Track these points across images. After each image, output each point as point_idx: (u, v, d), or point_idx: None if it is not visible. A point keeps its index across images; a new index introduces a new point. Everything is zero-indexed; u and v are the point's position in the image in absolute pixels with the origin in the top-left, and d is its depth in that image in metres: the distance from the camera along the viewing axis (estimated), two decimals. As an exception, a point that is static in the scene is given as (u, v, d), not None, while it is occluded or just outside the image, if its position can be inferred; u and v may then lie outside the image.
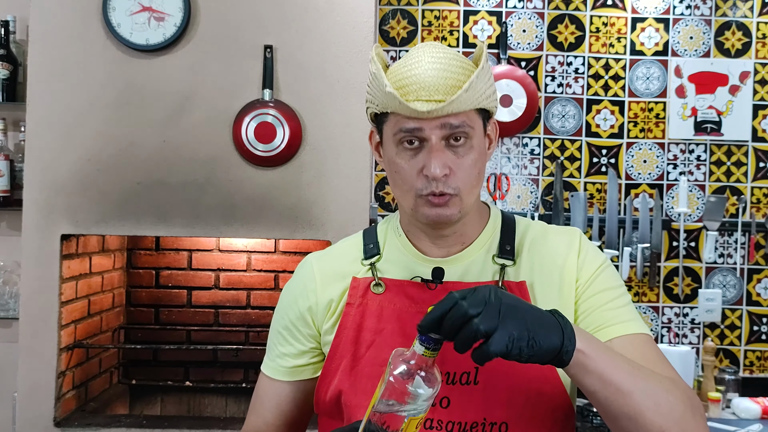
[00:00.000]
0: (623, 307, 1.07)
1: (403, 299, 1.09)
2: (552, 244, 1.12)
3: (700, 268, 2.74)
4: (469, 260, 1.11)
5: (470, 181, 1.06)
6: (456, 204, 1.05)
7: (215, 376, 2.74)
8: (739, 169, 2.75)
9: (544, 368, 1.00)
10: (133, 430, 2.20)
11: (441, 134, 1.03)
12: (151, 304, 2.76)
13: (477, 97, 1.03)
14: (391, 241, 1.16)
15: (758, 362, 2.74)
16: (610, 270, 1.12)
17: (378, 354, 1.05)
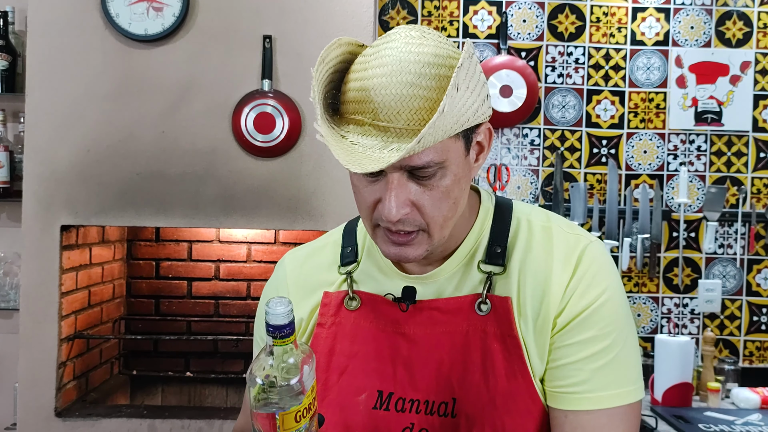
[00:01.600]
0: (601, 369, 0.90)
1: (379, 317, 0.97)
2: (548, 255, 0.94)
3: (700, 258, 2.74)
4: (449, 274, 0.97)
5: (441, 214, 0.88)
6: (422, 242, 0.89)
7: (216, 366, 2.75)
8: (739, 160, 2.74)
9: (528, 402, 0.92)
10: (134, 420, 2.21)
11: (403, 170, 0.85)
12: (152, 295, 2.76)
13: (457, 120, 0.82)
14: (369, 249, 1.03)
15: (758, 352, 2.75)
16: (606, 309, 0.91)
17: (351, 382, 0.97)
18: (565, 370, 0.91)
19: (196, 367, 2.75)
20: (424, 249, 0.90)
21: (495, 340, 0.93)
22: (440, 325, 0.95)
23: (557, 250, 0.94)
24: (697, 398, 2.50)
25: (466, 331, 0.94)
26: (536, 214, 0.99)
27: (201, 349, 2.75)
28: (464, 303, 0.95)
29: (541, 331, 0.92)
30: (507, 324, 0.93)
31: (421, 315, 0.96)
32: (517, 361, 0.92)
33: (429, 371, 0.94)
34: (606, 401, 0.90)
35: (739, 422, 2.24)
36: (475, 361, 0.93)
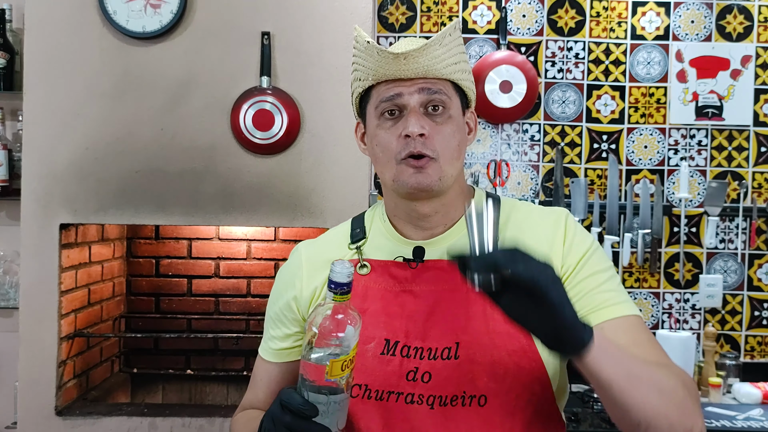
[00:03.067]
0: (613, 291, 1.07)
1: (387, 279, 1.12)
2: (537, 227, 1.13)
3: (701, 253, 2.73)
4: (452, 240, 1.13)
5: (449, 148, 1.09)
6: (435, 170, 1.08)
7: (216, 364, 2.75)
8: (740, 154, 2.73)
9: (523, 342, 1.04)
10: (135, 418, 2.20)
11: (419, 99, 1.08)
12: (152, 293, 2.76)
13: (451, 63, 1.08)
14: (377, 226, 1.20)
15: (759, 347, 2.74)
16: (599, 252, 1.12)
17: (362, 333, 1.06)
18: (590, 296, 1.06)
19: (197, 365, 2.74)
20: (437, 176, 1.08)
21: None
22: (444, 282, 1.10)
23: (546, 220, 1.14)
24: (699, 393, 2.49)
25: (467, 288, 1.03)
26: (521, 203, 1.20)
27: (201, 347, 2.74)
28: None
29: None
30: None
31: (427, 274, 1.11)
32: None
33: (434, 322, 1.08)
34: (629, 309, 1.06)
35: (741, 417, 2.24)
36: (477, 310, 1.07)
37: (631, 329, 1.03)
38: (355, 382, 1.05)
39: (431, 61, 1.07)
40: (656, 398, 0.91)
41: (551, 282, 0.85)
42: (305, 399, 0.92)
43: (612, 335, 1.00)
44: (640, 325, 1.06)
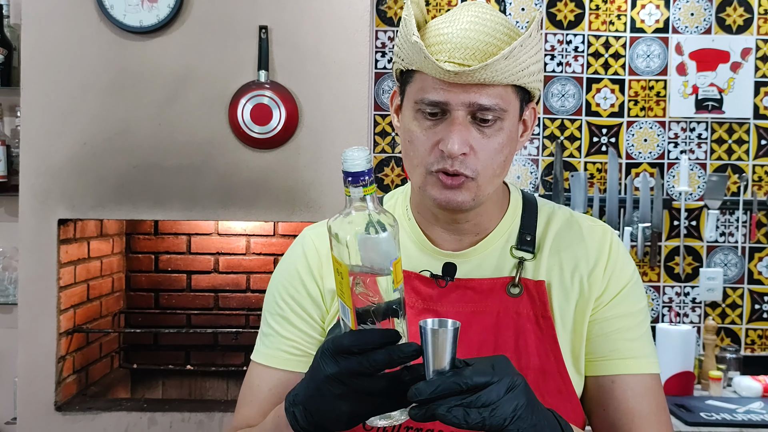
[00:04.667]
0: (638, 340, 0.99)
1: (408, 292, 0.98)
2: (579, 244, 1.01)
3: (701, 247, 2.73)
4: (484, 253, 1.01)
5: (492, 167, 0.93)
6: (471, 190, 0.93)
7: (216, 359, 2.74)
8: (740, 147, 2.72)
9: (558, 381, 0.96)
10: (134, 413, 2.20)
11: (470, 110, 0.91)
12: (151, 289, 2.76)
13: (518, 70, 0.90)
14: (400, 224, 1.01)
15: (759, 341, 2.74)
16: (636, 288, 1.02)
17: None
18: (609, 341, 0.98)
19: (197, 360, 2.74)
20: (471, 197, 0.94)
21: (528, 320, 0.98)
22: (472, 304, 0.99)
23: (589, 239, 1.02)
24: (699, 387, 2.49)
25: (498, 312, 0.98)
26: (558, 208, 1.07)
27: (201, 342, 2.74)
28: (497, 284, 1.00)
29: (581, 311, 0.99)
30: (541, 305, 0.98)
31: (454, 293, 0.99)
32: (549, 341, 0.97)
33: (459, 349, 0.96)
34: (648, 366, 0.99)
35: (741, 410, 2.23)
36: (507, 340, 0.97)
37: (642, 392, 0.97)
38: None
39: (491, 75, 0.88)
40: None
41: (513, 429, 0.73)
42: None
43: (620, 393, 0.97)
44: (653, 389, 0.98)
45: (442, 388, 0.71)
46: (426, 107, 0.92)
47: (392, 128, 2.71)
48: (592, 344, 0.99)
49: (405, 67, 0.96)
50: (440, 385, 0.71)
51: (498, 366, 0.74)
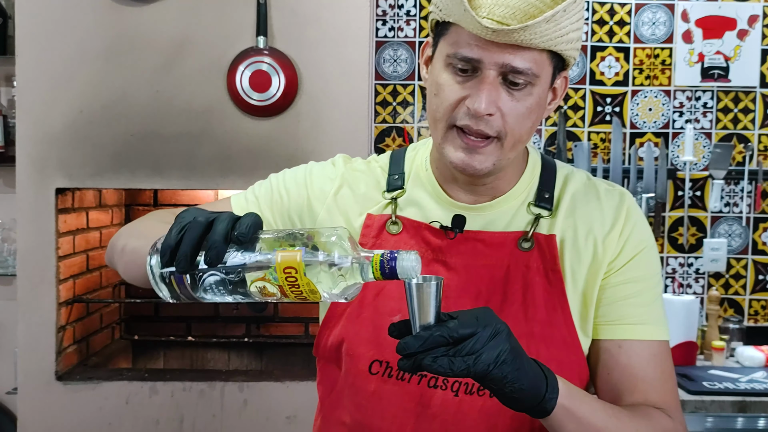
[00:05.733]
0: (648, 306, 0.99)
1: (419, 243, 1.00)
2: (596, 206, 1.00)
3: (705, 217, 2.70)
4: (500, 210, 1.01)
5: (519, 131, 0.91)
6: (493, 153, 0.92)
7: (217, 330, 2.74)
8: (746, 116, 2.69)
9: (564, 333, 0.96)
10: (135, 383, 2.20)
11: (500, 70, 0.88)
12: (151, 260, 2.74)
13: (557, 36, 0.87)
14: (417, 174, 1.05)
15: (763, 311, 2.72)
16: (650, 254, 1.00)
17: (386, 303, 0.98)
18: (619, 306, 0.98)
19: (198, 332, 2.74)
20: (491, 162, 0.93)
21: (537, 274, 0.98)
22: (482, 257, 0.99)
23: (606, 202, 1.01)
24: (702, 357, 2.48)
25: (508, 266, 0.99)
26: (576, 170, 1.06)
27: (202, 314, 2.73)
28: (508, 238, 0.99)
29: (594, 274, 0.98)
30: (551, 259, 0.98)
31: (465, 245, 0.99)
32: (558, 294, 0.98)
33: (466, 300, 0.98)
34: (656, 333, 0.98)
35: (744, 380, 2.23)
36: (516, 293, 0.97)
37: (648, 358, 0.97)
38: (376, 359, 0.96)
39: (530, 37, 0.85)
40: None
41: (497, 374, 0.75)
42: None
43: (626, 358, 0.97)
44: (660, 355, 0.98)
45: (429, 342, 0.73)
46: (458, 62, 0.90)
47: (393, 98, 2.68)
48: (602, 308, 0.99)
49: (441, 18, 0.92)
50: (427, 339, 0.73)
51: (482, 317, 0.75)
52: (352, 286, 0.74)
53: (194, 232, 0.74)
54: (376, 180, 1.07)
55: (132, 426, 2.19)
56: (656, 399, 0.95)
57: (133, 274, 1.00)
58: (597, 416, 0.86)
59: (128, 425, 2.19)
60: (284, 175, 1.11)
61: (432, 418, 0.95)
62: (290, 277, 0.72)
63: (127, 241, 1.02)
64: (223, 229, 0.73)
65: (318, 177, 1.08)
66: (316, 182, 1.08)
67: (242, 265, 0.74)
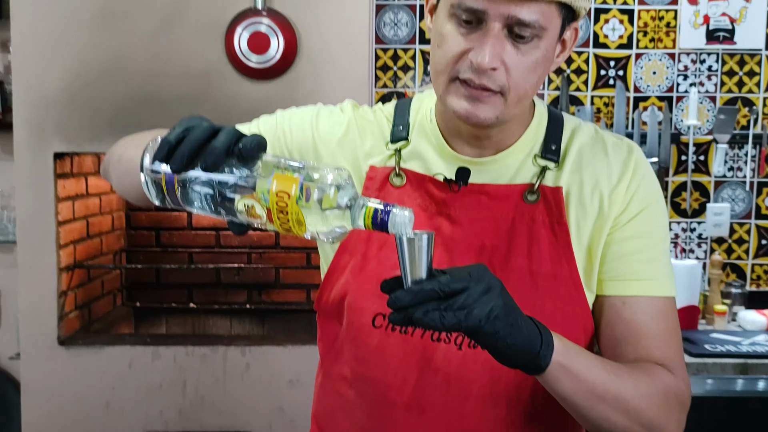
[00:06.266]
0: (654, 261, 0.97)
1: (423, 196, 0.98)
2: (603, 160, 0.98)
3: (708, 182, 2.68)
4: (505, 163, 0.99)
5: (524, 85, 0.89)
6: (496, 106, 0.89)
7: (219, 297, 2.74)
8: (751, 79, 2.65)
9: (570, 287, 0.95)
10: (138, 347, 2.21)
11: (505, 23, 0.85)
12: (152, 227, 2.74)
13: None
14: (421, 126, 1.02)
15: (765, 276, 2.72)
16: (657, 208, 0.98)
17: (390, 255, 0.96)
18: (624, 262, 0.96)
19: (199, 299, 2.74)
20: (495, 114, 0.90)
21: (543, 226, 0.96)
22: (487, 210, 0.97)
23: (613, 156, 0.98)
24: (703, 322, 2.48)
25: (513, 218, 0.97)
26: (584, 123, 1.04)
27: (203, 281, 2.73)
28: (513, 191, 0.98)
29: (599, 229, 0.97)
30: (557, 211, 0.96)
31: (469, 198, 0.98)
32: (563, 246, 0.96)
33: (470, 254, 0.96)
34: (662, 289, 0.96)
35: (746, 343, 2.22)
36: (520, 245, 0.96)
37: (652, 314, 0.95)
38: (380, 312, 0.95)
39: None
40: (617, 417, 0.86)
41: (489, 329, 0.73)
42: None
43: (629, 314, 0.95)
44: (664, 311, 0.96)
45: (421, 296, 0.72)
46: (462, 13, 0.86)
47: (394, 62, 2.65)
48: (607, 264, 0.97)
49: None
50: (418, 292, 0.72)
51: (474, 272, 0.74)
52: (340, 228, 0.72)
53: (197, 135, 0.72)
54: (380, 130, 1.04)
55: (135, 390, 2.20)
56: (659, 355, 0.94)
57: (126, 185, 0.98)
58: (594, 373, 0.85)
59: (131, 389, 2.20)
60: (291, 113, 1.08)
61: (435, 371, 0.95)
62: (281, 202, 0.70)
63: (124, 150, 1.01)
64: (227, 140, 0.71)
65: (325, 120, 1.05)
66: (323, 125, 1.05)
67: (237, 178, 0.72)
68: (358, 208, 0.71)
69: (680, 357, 0.96)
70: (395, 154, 1.01)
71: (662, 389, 0.90)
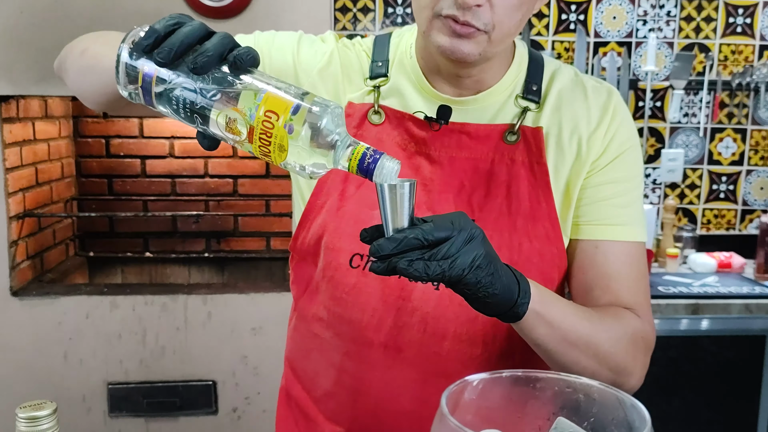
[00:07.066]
0: (628, 207, 0.97)
1: (402, 134, 0.97)
2: (582, 104, 0.97)
3: (664, 128, 2.73)
4: (486, 103, 0.97)
5: (508, 24, 0.87)
6: (480, 43, 0.87)
7: (176, 246, 2.69)
8: (708, 25, 2.68)
9: (547, 226, 0.95)
10: (95, 297, 2.15)
11: None
12: (103, 175, 2.65)
13: None
14: (401, 63, 1.00)
15: (715, 220, 2.80)
16: (634, 154, 0.98)
17: (368, 194, 0.96)
18: (599, 206, 0.97)
19: (156, 248, 2.68)
20: (479, 50, 0.87)
21: (522, 167, 0.96)
22: (467, 149, 0.96)
23: (592, 100, 0.98)
24: (656, 265, 2.55)
25: (492, 159, 0.96)
26: (564, 65, 1.03)
27: (159, 229, 2.67)
28: (494, 131, 0.97)
29: (576, 173, 0.97)
30: (537, 152, 0.96)
31: (449, 137, 0.96)
32: (542, 186, 0.96)
33: (449, 194, 0.95)
34: (633, 234, 0.97)
35: (697, 284, 2.30)
36: (500, 185, 0.95)
37: (623, 259, 0.96)
38: (358, 252, 0.94)
39: None
40: (588, 361, 0.87)
41: (472, 279, 0.72)
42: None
43: (602, 258, 0.96)
44: (635, 256, 0.97)
45: (404, 244, 0.69)
46: None
47: (353, 4, 2.57)
48: (582, 208, 0.97)
49: None
50: (402, 240, 0.69)
51: (456, 221, 0.73)
52: (321, 165, 0.69)
53: (190, 31, 0.66)
54: (360, 64, 1.01)
55: (93, 340, 2.16)
56: (628, 299, 0.96)
57: (88, 81, 0.91)
58: (568, 320, 0.86)
59: (89, 340, 2.16)
60: (272, 36, 1.04)
61: (412, 311, 0.94)
62: (268, 123, 0.65)
63: (91, 45, 0.93)
64: (222, 44, 0.67)
65: (307, 48, 1.02)
66: (304, 53, 1.01)
67: (225, 87, 0.66)
68: (344, 148, 0.68)
69: (647, 301, 0.98)
70: (374, 91, 0.98)
71: (630, 334, 0.92)
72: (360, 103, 0.99)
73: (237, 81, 0.66)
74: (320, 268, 0.98)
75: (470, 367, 0.96)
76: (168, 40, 0.66)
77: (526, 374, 0.65)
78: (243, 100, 0.66)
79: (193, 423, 2.23)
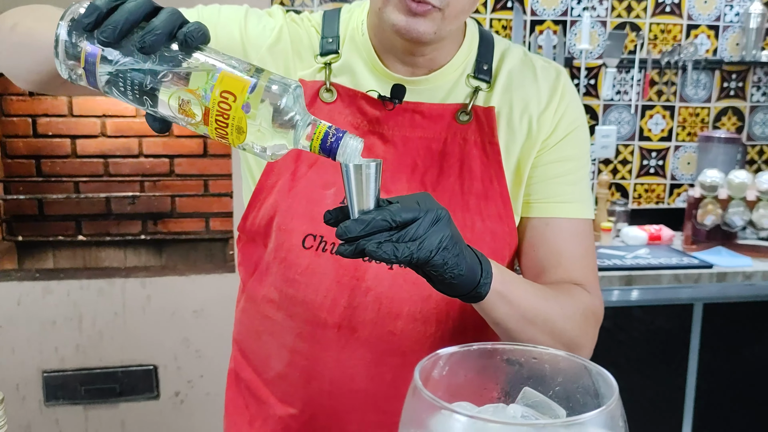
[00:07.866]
0: (577, 184, 0.99)
1: (355, 113, 0.95)
2: (531, 84, 0.98)
3: (597, 105, 2.80)
4: (438, 83, 0.97)
5: (462, 1, 0.86)
6: (435, 21, 0.86)
7: (110, 228, 2.61)
8: (639, 5, 2.75)
9: (499, 205, 0.96)
10: (26, 283, 2.07)
11: None
12: (31, 155, 2.53)
13: None
14: (352, 39, 0.98)
15: (646, 194, 2.91)
16: (582, 133, 1.00)
17: (321, 175, 0.94)
18: (549, 184, 0.98)
19: (89, 230, 2.59)
20: (434, 28, 0.87)
21: (474, 146, 0.96)
22: (420, 129, 0.96)
23: (542, 79, 0.99)
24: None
25: (445, 138, 0.96)
26: (513, 45, 1.04)
27: (92, 212, 2.58)
28: (446, 111, 0.97)
29: (527, 152, 0.98)
30: (489, 131, 0.97)
31: (402, 117, 0.96)
32: (494, 166, 0.96)
33: (402, 174, 0.95)
34: (582, 211, 0.99)
35: (629, 256, 2.39)
36: (452, 165, 0.96)
37: (573, 235, 0.98)
38: (310, 233, 0.93)
39: None
40: (544, 338, 0.89)
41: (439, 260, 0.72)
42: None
43: (552, 235, 0.98)
44: (583, 233, 0.99)
45: (372, 226, 0.68)
46: None
47: (291, -21, 2.53)
48: (532, 186, 0.99)
49: None
50: (369, 222, 0.68)
51: (423, 202, 0.72)
52: (281, 146, 0.67)
53: (134, 5, 0.62)
54: (309, 40, 0.99)
55: (26, 327, 2.08)
56: (578, 275, 0.98)
57: (20, 60, 0.85)
58: (527, 299, 0.87)
59: (22, 327, 2.08)
60: (217, 9, 0.98)
61: (366, 291, 0.94)
62: (224, 104, 0.62)
63: (21, 19, 0.87)
64: (171, 21, 0.62)
65: (254, 23, 0.98)
66: (252, 28, 0.97)
67: (175, 66, 0.63)
68: (304, 126, 0.66)
69: (595, 276, 1.01)
70: (325, 68, 0.97)
71: (582, 309, 0.94)
72: (311, 80, 0.97)
73: (188, 60, 0.63)
74: (271, 249, 0.97)
75: (424, 346, 0.97)
76: (111, 17, 0.62)
77: (494, 347, 0.66)
78: (196, 81, 0.63)
79: (134, 408, 2.18)
